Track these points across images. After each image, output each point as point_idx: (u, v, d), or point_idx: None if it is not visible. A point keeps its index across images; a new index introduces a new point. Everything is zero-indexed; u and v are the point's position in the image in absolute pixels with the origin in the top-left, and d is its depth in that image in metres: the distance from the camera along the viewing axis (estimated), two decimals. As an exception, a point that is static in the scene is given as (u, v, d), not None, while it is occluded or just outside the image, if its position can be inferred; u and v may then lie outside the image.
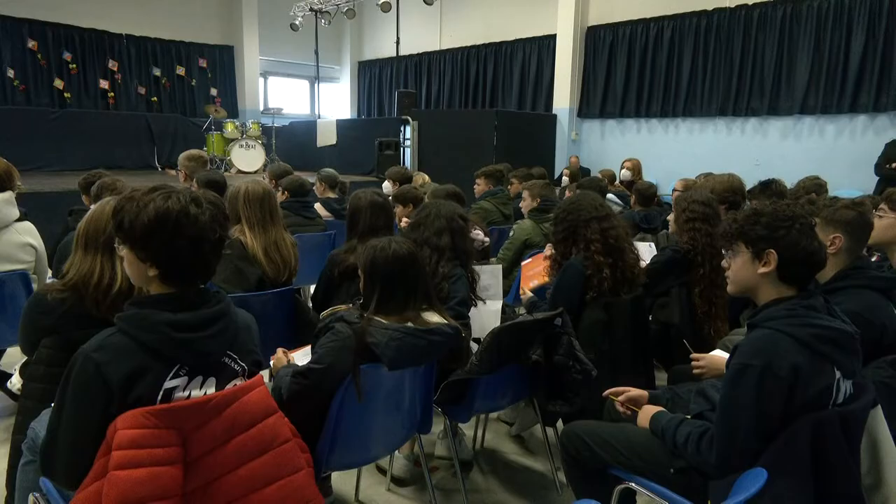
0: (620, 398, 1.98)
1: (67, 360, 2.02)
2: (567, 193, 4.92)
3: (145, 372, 1.42)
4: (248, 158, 10.52)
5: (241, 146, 10.49)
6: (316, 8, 12.74)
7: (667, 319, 3.00)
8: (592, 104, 10.99)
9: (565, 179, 7.53)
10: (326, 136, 11.67)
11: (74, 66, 11.45)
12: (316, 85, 14.39)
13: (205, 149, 10.54)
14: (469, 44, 13.02)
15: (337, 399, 1.79)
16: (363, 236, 2.82)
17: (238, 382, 1.58)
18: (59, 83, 11.30)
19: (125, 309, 1.48)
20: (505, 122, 9.66)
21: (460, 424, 2.68)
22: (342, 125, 11.80)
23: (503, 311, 2.74)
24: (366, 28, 15.21)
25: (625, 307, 2.57)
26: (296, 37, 13.17)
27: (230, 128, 10.78)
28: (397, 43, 11.70)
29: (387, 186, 5.40)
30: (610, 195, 5.24)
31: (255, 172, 10.42)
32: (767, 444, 1.53)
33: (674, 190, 5.05)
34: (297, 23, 12.90)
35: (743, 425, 1.56)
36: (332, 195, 5.17)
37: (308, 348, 2.32)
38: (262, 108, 13.83)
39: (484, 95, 12.89)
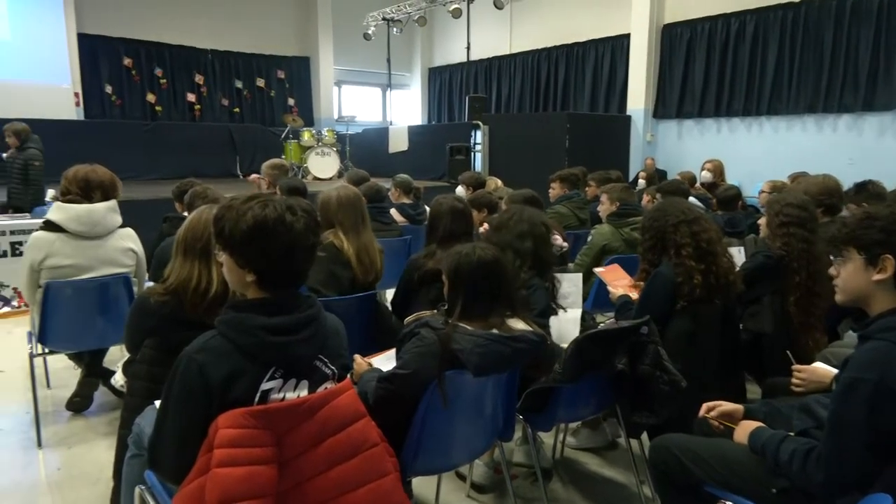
0: (713, 413, 1.89)
1: (167, 360, 2.13)
2: (645, 197, 4.77)
3: (243, 373, 1.47)
4: (323, 165, 10.83)
5: (317, 153, 10.80)
6: (388, 17, 12.99)
7: (758, 329, 2.85)
8: (669, 104, 10.64)
9: (642, 182, 7.33)
10: (398, 143, 11.85)
11: (165, 80, 12.16)
12: (387, 92, 14.67)
13: (283, 157, 10.94)
14: (540, 46, 12.91)
15: (423, 405, 1.80)
16: (443, 241, 2.84)
17: (329, 386, 1.62)
18: (151, 97, 12.03)
19: (224, 313, 1.54)
20: (577, 125, 9.50)
21: (539, 432, 2.65)
22: (413, 131, 11.95)
23: (582, 319, 2.69)
24: (436, 34, 15.37)
25: (714, 315, 2.46)
26: (368, 46, 13.47)
27: (306, 136, 11.14)
28: (468, 48, 11.75)
29: (460, 191, 5.42)
30: (691, 198, 5.05)
31: (330, 179, 10.71)
32: (885, 464, 1.42)
33: (761, 192, 4.81)
34: (369, 32, 13.21)
35: (854, 443, 1.46)
36: (406, 200, 5.23)
37: (390, 353, 2.35)
38: (336, 116, 14.23)
39: (555, 98, 12.74)
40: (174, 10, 12.04)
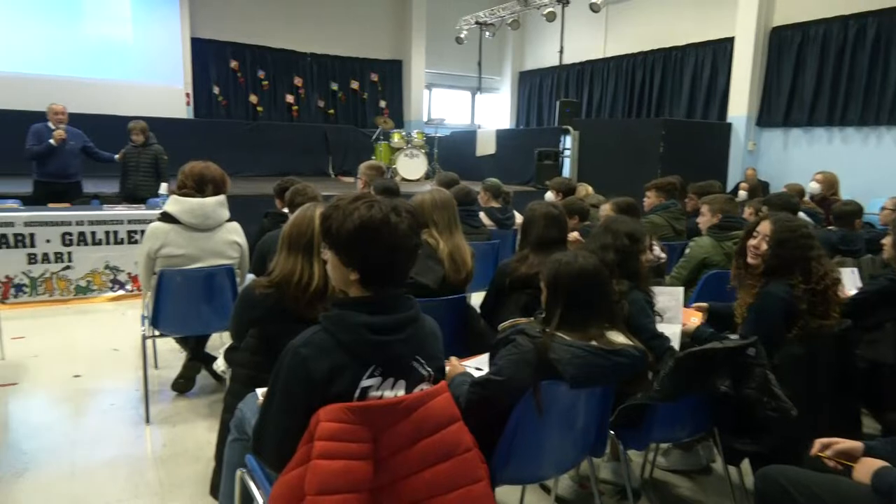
0: (829, 451, 1.73)
1: (268, 350, 2.23)
2: (747, 209, 4.51)
3: (344, 369, 1.50)
4: (411, 167, 11.01)
5: (406, 155, 11.00)
6: (482, 21, 13.03)
7: (877, 358, 2.63)
8: (774, 112, 10.03)
9: (743, 193, 6.96)
10: (485, 146, 11.86)
11: (266, 82, 12.77)
12: (477, 96, 14.73)
13: (373, 157, 11.22)
14: (635, 50, 12.54)
15: (516, 413, 1.78)
16: (535, 247, 2.81)
17: (425, 387, 1.63)
18: (253, 98, 12.67)
19: (329, 309, 1.58)
20: (673, 132, 9.13)
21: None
22: (501, 135, 11.93)
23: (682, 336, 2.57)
24: (528, 38, 15.27)
25: (829, 341, 2.29)
26: (459, 50, 13.58)
27: (396, 138, 11.36)
28: (560, 52, 11.59)
29: (549, 196, 5.35)
30: (800, 213, 4.73)
31: (418, 180, 10.88)
32: None
33: (882, 209, 4.44)
34: (462, 36, 13.31)
35: None
36: (495, 204, 5.22)
37: (480, 358, 2.34)
38: (425, 118, 14.43)
39: (649, 103, 12.33)
40: (279, 16, 12.62)
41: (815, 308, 2.23)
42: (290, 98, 13.03)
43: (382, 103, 14.18)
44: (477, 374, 1.99)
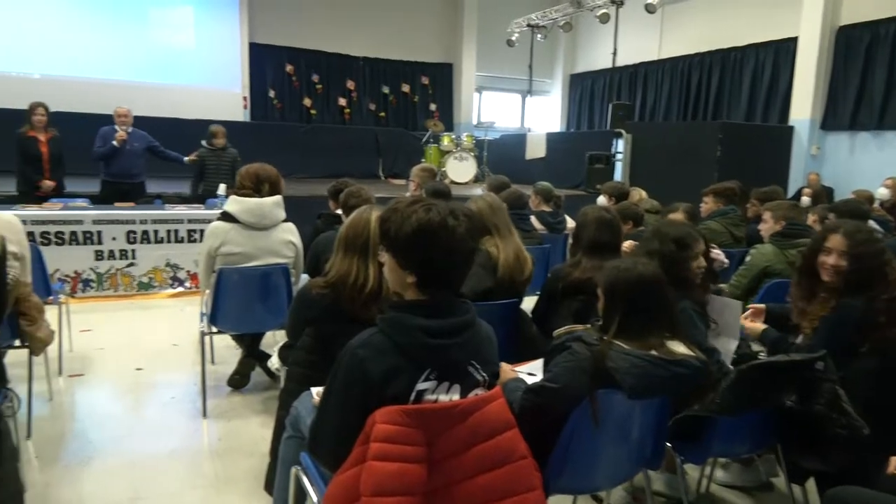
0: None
1: (324, 349, 2.26)
2: (811, 216, 4.33)
3: (400, 372, 1.50)
4: (461, 170, 11.03)
5: (456, 158, 11.03)
6: (533, 23, 12.95)
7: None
8: (841, 115, 9.60)
9: (806, 199, 6.68)
10: (535, 149, 11.78)
11: (320, 86, 13.03)
12: (527, 98, 14.64)
13: (423, 160, 11.29)
14: (692, 51, 12.22)
15: (571, 422, 1.75)
16: (588, 251, 2.77)
17: (479, 392, 1.62)
18: (307, 101, 12.95)
19: (385, 311, 1.59)
20: (730, 135, 8.86)
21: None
22: (551, 138, 11.82)
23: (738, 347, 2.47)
24: (580, 40, 15.09)
25: (904, 356, 2.16)
26: (511, 52, 13.53)
27: (446, 141, 11.40)
28: (614, 54, 11.41)
29: (601, 201, 5.26)
30: (870, 221, 4.51)
31: (466, 183, 10.89)
32: None
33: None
34: (513, 39, 13.26)
35: None
36: (546, 209, 5.17)
37: (532, 364, 2.32)
38: (475, 121, 14.44)
39: (706, 106, 11.99)
40: (334, 21, 12.86)
41: (893, 318, 2.12)
42: (342, 101, 13.26)
43: (433, 106, 14.27)
44: (530, 380, 1.97)
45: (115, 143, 6.22)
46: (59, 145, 6.08)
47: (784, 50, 10.52)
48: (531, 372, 2.20)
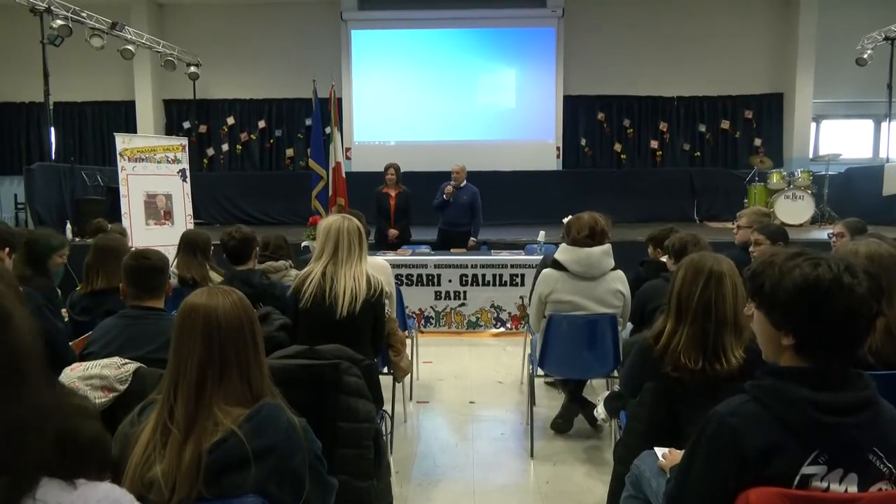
0: None
1: (665, 406, 2.14)
2: None
3: (782, 449, 1.32)
4: (794, 210, 9.70)
5: (787, 196, 9.76)
6: (892, 35, 10.86)
7: None
8: None
9: None
10: (895, 183, 9.72)
11: (631, 130, 12.94)
12: (884, 124, 12.21)
13: (745, 200, 10.27)
14: None
15: None
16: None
17: (884, 488, 1.32)
18: (617, 146, 12.96)
19: (759, 377, 1.42)
20: None
21: None
22: (922, 168, 9.62)
23: None
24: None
25: None
26: (859, 73, 11.53)
27: (775, 178, 10.19)
28: None
29: None
30: None
31: (801, 226, 9.53)
32: None
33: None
34: (864, 56, 11.29)
35: None
36: None
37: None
38: (811, 155, 12.61)
39: None
40: (645, 64, 12.71)
41: None
42: (654, 143, 12.92)
43: (758, 141, 12.91)
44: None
45: (444, 196, 7.07)
46: (406, 199, 7.17)
47: None
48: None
